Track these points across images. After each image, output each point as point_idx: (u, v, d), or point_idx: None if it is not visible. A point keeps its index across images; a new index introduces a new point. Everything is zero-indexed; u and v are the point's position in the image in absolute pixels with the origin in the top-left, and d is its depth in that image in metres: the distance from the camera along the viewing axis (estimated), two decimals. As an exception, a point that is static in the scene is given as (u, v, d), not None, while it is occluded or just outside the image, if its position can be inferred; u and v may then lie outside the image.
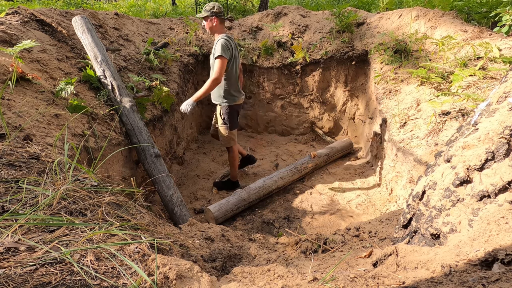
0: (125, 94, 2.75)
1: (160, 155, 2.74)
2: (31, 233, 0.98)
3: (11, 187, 1.18)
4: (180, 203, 2.66)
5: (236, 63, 2.99)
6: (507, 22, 2.96)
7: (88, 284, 0.82)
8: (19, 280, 0.80)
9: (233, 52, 2.89)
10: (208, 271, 1.16)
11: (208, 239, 1.57)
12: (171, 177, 2.74)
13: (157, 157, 2.70)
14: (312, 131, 4.73)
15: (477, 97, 2.32)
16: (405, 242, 1.32)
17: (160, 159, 2.73)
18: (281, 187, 3.35)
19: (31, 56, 2.46)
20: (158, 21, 4.77)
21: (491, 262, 0.85)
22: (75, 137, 2.09)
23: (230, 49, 2.82)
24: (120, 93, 2.72)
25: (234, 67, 2.97)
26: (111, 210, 1.20)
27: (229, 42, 2.82)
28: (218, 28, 2.90)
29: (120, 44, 3.62)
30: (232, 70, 2.96)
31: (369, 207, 3.05)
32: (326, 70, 4.33)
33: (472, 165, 1.13)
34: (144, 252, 0.99)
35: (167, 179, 2.68)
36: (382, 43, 3.79)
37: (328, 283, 0.94)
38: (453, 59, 2.98)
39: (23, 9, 2.97)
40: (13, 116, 1.79)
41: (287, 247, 1.74)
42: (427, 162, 2.27)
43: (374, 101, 3.65)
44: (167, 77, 3.67)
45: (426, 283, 0.86)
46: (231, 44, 2.84)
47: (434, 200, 1.21)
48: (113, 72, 2.77)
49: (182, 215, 2.61)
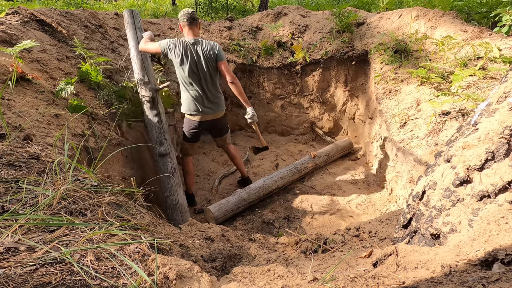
0: (146, 88, 2.79)
1: (165, 154, 2.72)
2: (31, 233, 0.98)
3: (11, 187, 1.18)
4: (174, 206, 2.63)
5: (186, 68, 2.65)
6: (507, 22, 2.96)
7: (88, 284, 0.82)
8: (19, 280, 0.80)
9: (176, 53, 2.64)
10: (208, 271, 1.16)
11: (208, 239, 1.57)
12: (170, 177, 2.73)
13: (161, 156, 2.69)
14: (312, 131, 4.73)
15: (477, 97, 2.32)
16: (405, 242, 1.32)
17: (164, 158, 2.71)
18: (281, 187, 3.35)
19: (31, 56, 2.46)
20: (158, 21, 4.77)
21: (491, 262, 0.85)
22: (75, 137, 2.09)
23: (172, 47, 2.64)
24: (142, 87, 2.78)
25: (181, 72, 2.69)
26: (111, 210, 1.20)
27: (172, 42, 2.65)
28: (184, 32, 2.75)
29: (120, 44, 3.62)
30: (179, 73, 2.72)
31: (369, 207, 3.05)
32: (326, 70, 4.33)
33: (472, 165, 1.13)
34: (144, 252, 0.99)
35: (166, 180, 2.67)
36: (382, 43, 3.79)
37: (328, 283, 0.94)
38: (453, 59, 2.98)
39: (23, 9, 2.97)
40: (13, 116, 1.79)
41: (287, 247, 1.74)
42: (427, 162, 2.27)
43: (374, 101, 3.65)
44: (167, 77, 3.67)
45: (426, 283, 0.86)
46: (173, 44, 2.64)
47: (434, 200, 1.21)
48: (140, 66, 2.83)
49: (172, 218, 2.60)
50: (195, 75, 2.69)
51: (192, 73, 2.67)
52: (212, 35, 4.66)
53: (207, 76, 2.72)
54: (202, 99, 2.77)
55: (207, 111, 2.83)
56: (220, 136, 3.14)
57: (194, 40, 2.67)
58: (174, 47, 2.63)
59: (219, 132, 3.11)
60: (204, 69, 2.68)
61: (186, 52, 2.64)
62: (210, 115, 2.87)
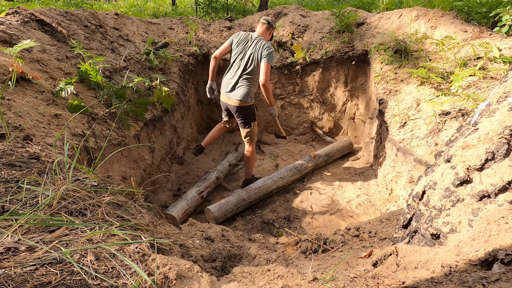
0: None
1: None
2: (31, 233, 0.98)
3: (11, 187, 1.18)
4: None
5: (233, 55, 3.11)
6: (507, 22, 2.96)
7: (88, 284, 0.82)
8: (19, 280, 0.80)
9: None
10: (208, 271, 1.16)
11: (208, 239, 1.57)
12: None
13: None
14: (312, 131, 4.73)
15: (477, 97, 2.32)
16: (405, 242, 1.32)
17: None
18: (281, 187, 3.35)
19: (31, 56, 2.46)
20: (158, 21, 4.78)
21: (491, 262, 0.85)
22: (75, 137, 2.09)
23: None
24: None
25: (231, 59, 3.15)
26: (111, 210, 1.20)
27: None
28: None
29: (120, 44, 3.62)
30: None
31: (369, 207, 3.05)
32: (326, 70, 4.33)
33: (472, 165, 1.13)
34: (144, 252, 0.98)
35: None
36: (382, 43, 3.79)
37: (328, 283, 0.94)
38: (453, 59, 2.98)
39: (23, 9, 2.97)
40: (13, 116, 1.79)
41: (287, 247, 1.74)
42: (427, 162, 2.27)
43: (374, 101, 3.65)
44: (167, 77, 3.67)
45: (426, 283, 0.86)
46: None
47: (434, 200, 1.21)
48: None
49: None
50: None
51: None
52: (212, 35, 4.66)
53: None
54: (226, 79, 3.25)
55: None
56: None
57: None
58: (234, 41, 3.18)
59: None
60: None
61: (240, 40, 3.18)
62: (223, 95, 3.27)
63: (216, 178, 3.37)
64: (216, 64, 3.19)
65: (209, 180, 3.27)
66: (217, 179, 3.38)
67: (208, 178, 3.30)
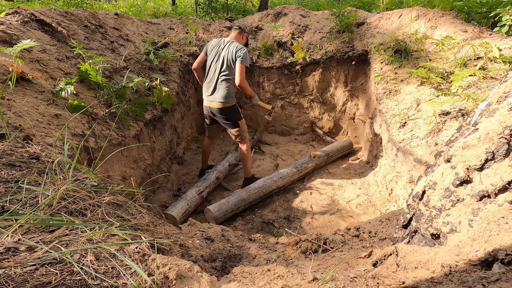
0: None
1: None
2: (31, 233, 0.98)
3: (11, 187, 1.18)
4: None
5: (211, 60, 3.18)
6: (507, 22, 2.96)
7: (88, 284, 0.82)
8: (19, 280, 0.80)
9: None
10: (208, 271, 1.16)
11: (208, 239, 1.57)
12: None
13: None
14: (312, 131, 4.73)
15: (477, 97, 2.32)
16: (405, 242, 1.32)
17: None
18: (281, 187, 3.35)
19: (31, 56, 2.46)
20: (158, 21, 4.78)
21: (491, 262, 0.85)
22: (75, 137, 2.09)
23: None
24: None
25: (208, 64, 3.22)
26: (111, 210, 1.20)
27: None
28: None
29: (120, 44, 3.62)
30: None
31: (369, 207, 3.05)
32: (326, 70, 4.33)
33: (472, 165, 1.13)
34: (144, 252, 0.98)
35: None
36: (382, 43, 3.79)
37: (328, 283, 0.94)
38: (453, 59, 2.98)
39: (23, 9, 2.97)
40: (13, 116, 1.79)
41: (287, 247, 1.74)
42: (427, 162, 2.27)
43: (374, 101, 3.65)
44: (167, 77, 3.67)
45: (426, 283, 0.86)
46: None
47: (434, 200, 1.21)
48: None
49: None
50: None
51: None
52: (212, 35, 4.66)
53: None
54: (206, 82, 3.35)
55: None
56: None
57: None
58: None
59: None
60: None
61: (213, 46, 3.28)
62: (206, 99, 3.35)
63: (216, 178, 3.37)
64: (199, 74, 3.34)
65: (209, 180, 3.27)
66: (217, 179, 3.38)
67: (208, 178, 3.30)
